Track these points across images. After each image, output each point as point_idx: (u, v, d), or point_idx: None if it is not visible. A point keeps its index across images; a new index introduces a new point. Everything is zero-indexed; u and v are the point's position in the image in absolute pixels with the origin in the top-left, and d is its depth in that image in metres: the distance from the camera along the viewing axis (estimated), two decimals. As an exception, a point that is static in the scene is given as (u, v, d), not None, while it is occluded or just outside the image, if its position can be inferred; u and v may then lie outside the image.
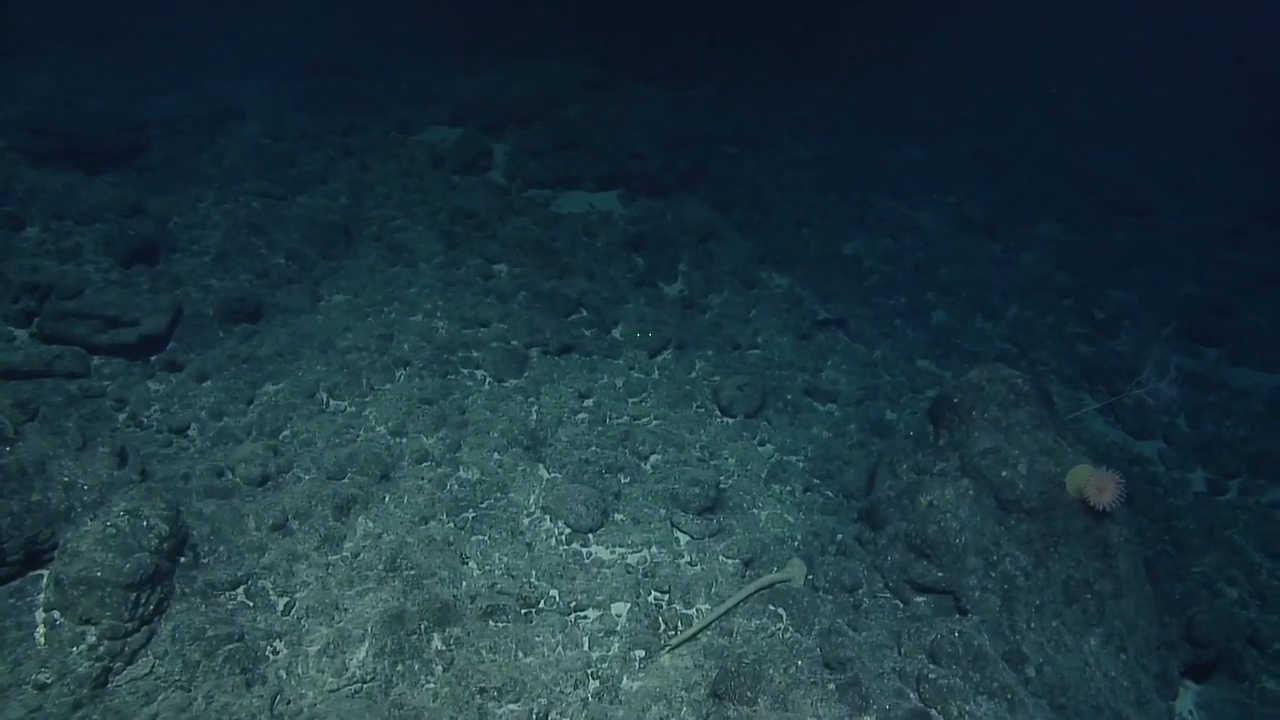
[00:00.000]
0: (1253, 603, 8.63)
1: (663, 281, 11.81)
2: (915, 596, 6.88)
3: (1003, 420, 7.03)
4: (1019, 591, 6.60)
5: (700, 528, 7.49)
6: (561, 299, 10.20)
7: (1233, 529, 9.67)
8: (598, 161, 13.48)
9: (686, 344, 10.65)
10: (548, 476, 7.72)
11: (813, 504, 8.59)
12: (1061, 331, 13.65)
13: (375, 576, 5.97)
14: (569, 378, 9.39)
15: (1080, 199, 19.15)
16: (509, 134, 13.32)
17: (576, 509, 7.10)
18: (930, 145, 21.16)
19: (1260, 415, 11.58)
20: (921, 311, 13.40)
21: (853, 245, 15.32)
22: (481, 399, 8.57)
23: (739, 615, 6.64)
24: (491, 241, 11.08)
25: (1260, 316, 14.45)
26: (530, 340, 9.49)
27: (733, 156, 17.72)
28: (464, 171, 12.61)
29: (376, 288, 9.59)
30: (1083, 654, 6.55)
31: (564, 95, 14.14)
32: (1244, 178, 21.15)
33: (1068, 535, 6.75)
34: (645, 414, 9.27)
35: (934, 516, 6.75)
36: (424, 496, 6.97)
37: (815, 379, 10.77)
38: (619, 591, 6.58)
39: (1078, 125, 24.65)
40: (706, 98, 19.11)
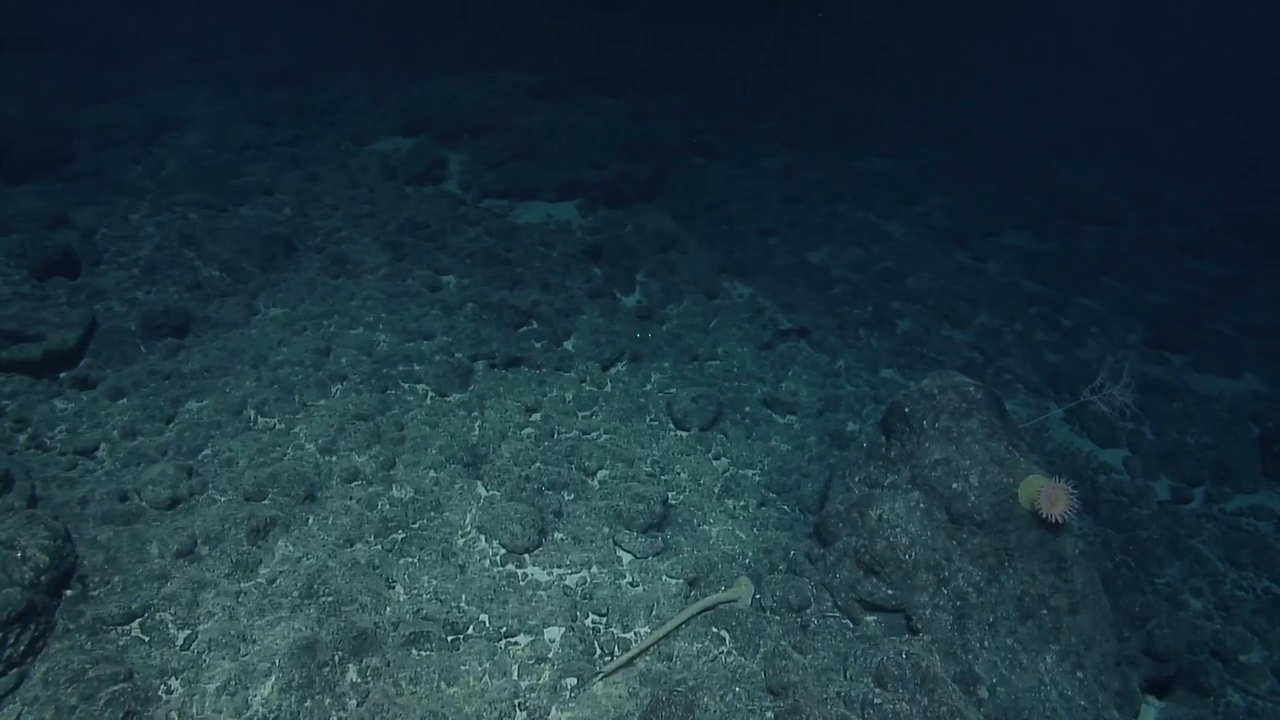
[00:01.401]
0: (1217, 614, 8.44)
1: (620, 292, 11.56)
2: (865, 616, 6.60)
3: (954, 430, 6.79)
4: (972, 609, 6.34)
5: (644, 546, 7.19)
6: (511, 310, 9.91)
7: (1197, 538, 9.50)
8: (555, 171, 13.25)
9: (642, 355, 10.38)
10: (486, 494, 7.39)
11: (768, 519, 8.31)
12: (1028, 340, 13.53)
13: (289, 604, 5.62)
14: (516, 391, 9.09)
15: (1047, 209, 19.19)
16: (464, 144, 13.07)
17: (511, 528, 6.78)
18: (898, 156, 21.16)
19: (1224, 422, 11.48)
20: (887, 321, 13.22)
21: (819, 255, 15.16)
22: (422, 414, 8.24)
23: (680, 638, 6.34)
24: (442, 253, 10.79)
25: (1224, 324, 14.44)
26: (476, 353, 9.19)
27: (697, 167, 17.59)
28: (417, 182, 12.34)
29: (317, 300, 9.26)
30: (1038, 673, 6.29)
31: (519, 104, 13.94)
32: (1207, 189, 21.32)
33: (1021, 549, 6.51)
34: (595, 428, 8.98)
35: (883, 531, 6.48)
36: (351, 517, 6.62)
37: (775, 390, 10.53)
38: (554, 615, 6.25)
39: (1046, 137, 24.80)
40: (670, 108, 18.98)
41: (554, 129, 13.99)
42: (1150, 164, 22.91)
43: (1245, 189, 21.31)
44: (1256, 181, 22.20)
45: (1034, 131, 25.21)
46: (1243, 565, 9.00)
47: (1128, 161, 22.86)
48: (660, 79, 20.83)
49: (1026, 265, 16.01)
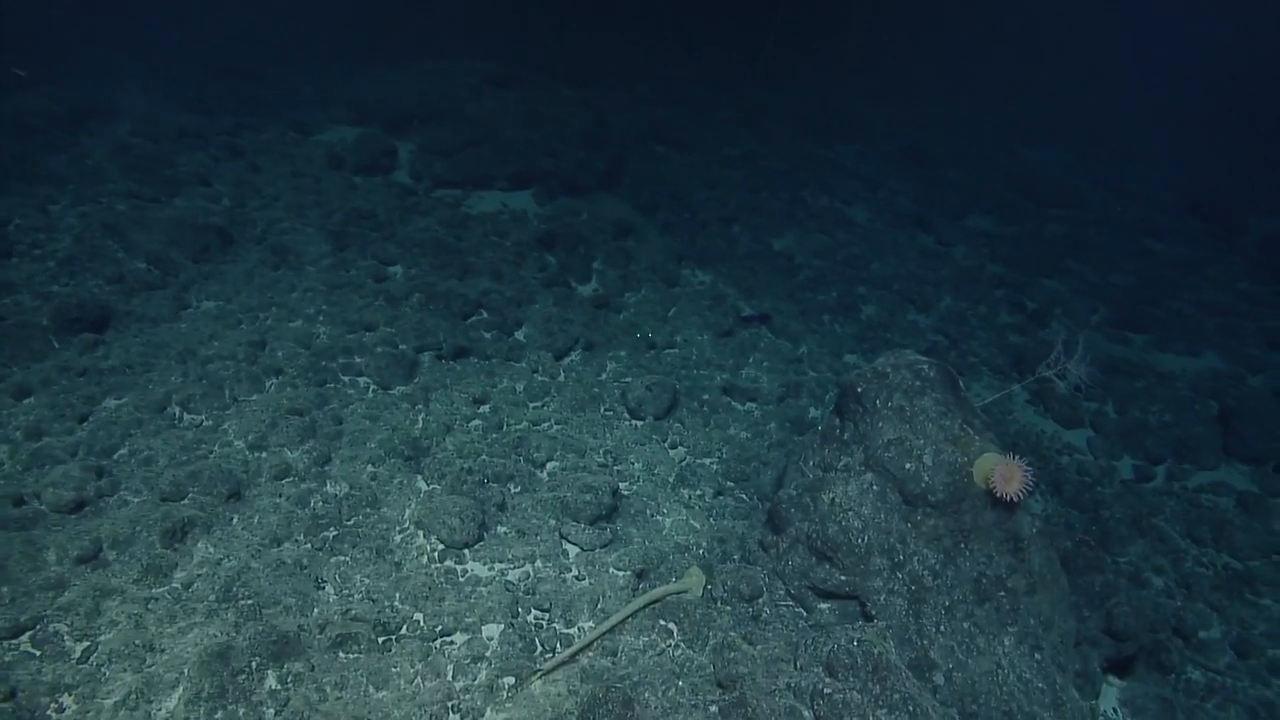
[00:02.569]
0: (1178, 591, 8.36)
1: (576, 280, 11.27)
2: (819, 603, 6.39)
3: (907, 409, 6.59)
4: (927, 593, 6.14)
5: (592, 538, 6.91)
6: (459, 300, 9.58)
7: (1159, 516, 9.43)
8: (510, 160, 12.92)
9: (597, 344, 10.10)
10: (426, 488, 7.08)
11: (724, 508, 8.08)
12: (993, 322, 13.45)
13: (204, 609, 5.27)
14: (464, 383, 8.77)
15: (1012, 193, 19.19)
16: (413, 133, 12.69)
17: (450, 523, 6.47)
18: (864, 144, 21.06)
19: (1185, 400, 11.44)
20: (852, 306, 13.07)
21: (783, 241, 14.97)
22: (362, 408, 7.90)
23: (627, 632, 6.07)
24: (389, 243, 10.42)
25: (1184, 304, 14.47)
26: (422, 344, 8.85)
27: (660, 156, 17.33)
28: (365, 172, 11.94)
29: (254, 293, 8.86)
30: (995, 656, 6.11)
31: (471, 93, 13.56)
32: (1168, 174, 21.46)
33: (977, 529, 6.33)
34: (546, 419, 8.69)
35: (836, 515, 6.26)
36: (279, 516, 6.28)
37: (735, 377, 10.30)
38: (493, 612, 5.96)
39: (1012, 124, 24.86)
40: (632, 98, 18.71)
41: (509, 117, 13.64)
42: (1114, 149, 23.03)
43: (1206, 172, 21.50)
44: (1219, 165, 22.42)
45: (1001, 118, 25.26)
46: (1203, 542, 8.93)
47: (1092, 147, 22.96)
48: (623, 68, 20.54)
49: (991, 249, 15.96)
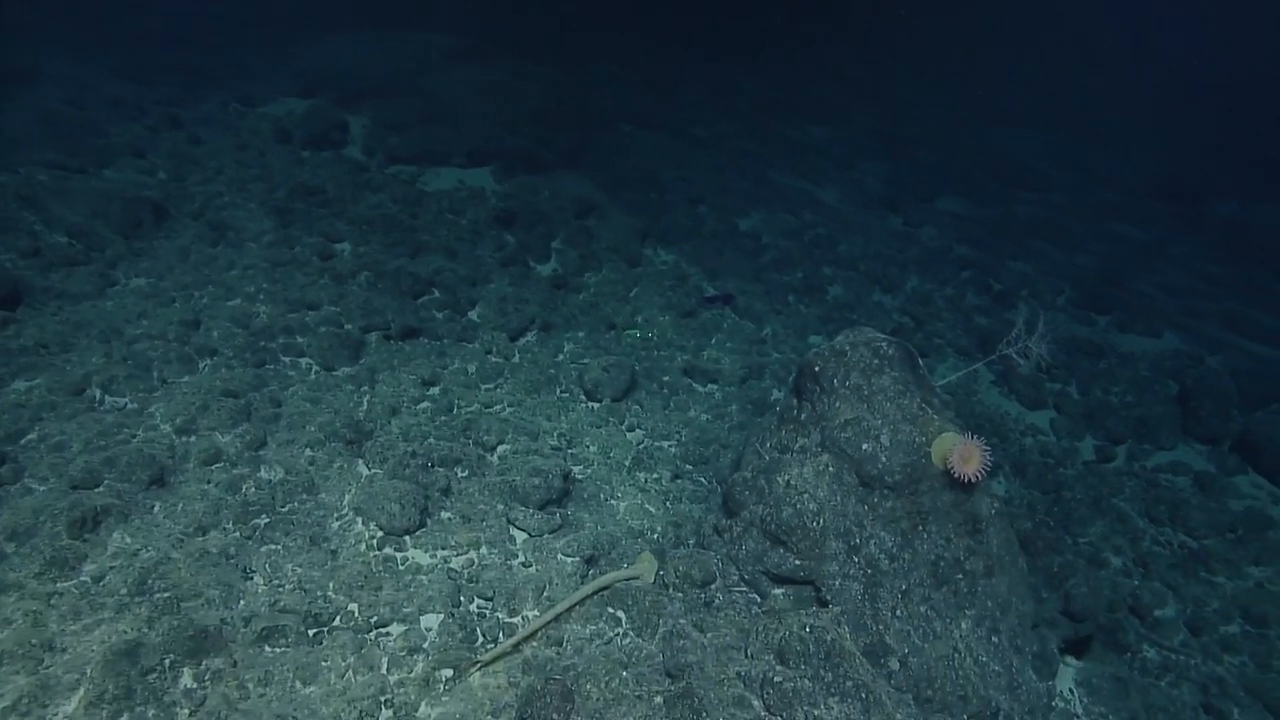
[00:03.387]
0: (1136, 571, 8.33)
1: (534, 260, 10.93)
2: (773, 589, 6.20)
3: (865, 388, 6.39)
4: (883, 576, 5.98)
5: (540, 523, 6.65)
6: (410, 279, 9.22)
7: (1119, 496, 9.41)
8: (467, 136, 12.49)
9: (554, 325, 9.80)
10: (367, 473, 6.75)
11: (682, 492, 7.87)
12: (959, 303, 13.37)
13: (115, 604, 4.93)
14: (413, 364, 8.43)
15: (982, 175, 19.15)
16: (367, 106, 12.20)
17: (389, 508, 6.16)
18: (834, 125, 20.86)
19: (1146, 380, 11.45)
20: (818, 287, 12.89)
21: (750, 221, 14.74)
22: (303, 390, 7.53)
23: (573, 620, 5.84)
24: (338, 220, 9.99)
25: (1146, 285, 14.52)
26: (369, 324, 8.48)
27: (626, 135, 16.98)
28: (315, 146, 11.45)
29: (189, 270, 8.41)
30: (952, 640, 5.97)
31: (428, 66, 13.10)
32: (1131, 157, 21.57)
33: (935, 511, 6.17)
34: (499, 401, 8.39)
35: (790, 498, 6.06)
36: (207, 503, 5.93)
37: (696, 359, 10.07)
38: (433, 601, 5.68)
39: (983, 108, 24.82)
40: (600, 75, 18.29)
41: (468, 92, 13.19)
42: (1081, 132, 23.10)
43: (1169, 156, 21.65)
44: (1182, 149, 22.60)
45: (970, 101, 25.21)
46: (1161, 521, 8.92)
47: (1060, 130, 23.00)
48: (590, 46, 20.08)
49: (959, 230, 15.87)
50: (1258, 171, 20.53)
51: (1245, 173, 20.95)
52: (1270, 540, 8.37)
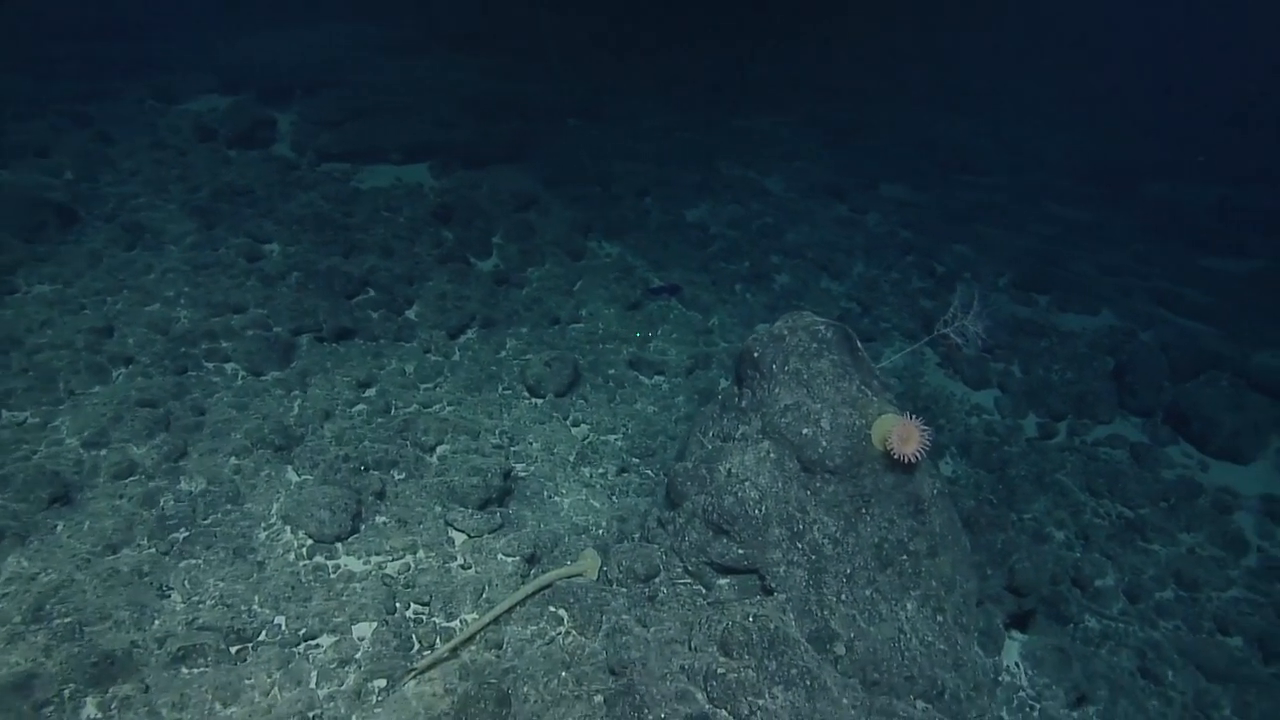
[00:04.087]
0: (1077, 543, 8.48)
1: (474, 256, 10.68)
2: (718, 579, 6.10)
3: (804, 372, 6.34)
4: (828, 561, 5.93)
5: (480, 524, 6.46)
6: (343, 278, 8.91)
7: (1061, 471, 9.57)
8: (404, 131, 12.16)
9: (495, 321, 9.58)
10: (297, 479, 6.48)
11: (628, 486, 7.75)
12: (904, 287, 13.50)
13: (5, 634, 4.60)
14: (347, 366, 8.15)
15: (924, 161, 19.40)
16: (294, 102, 11.77)
17: (319, 515, 5.91)
18: (779, 114, 20.92)
19: (1085, 357, 11.70)
20: (765, 275, 12.88)
21: (697, 212, 14.68)
22: (229, 396, 7.20)
23: (514, 622, 5.67)
24: (266, 219, 9.61)
25: (1084, 265, 14.86)
26: (299, 326, 8.17)
27: (571, 128, 16.77)
28: (241, 145, 11.01)
29: (101, 275, 7.98)
30: (898, 622, 5.96)
31: (358, 59, 12.70)
32: (1067, 140, 22.11)
33: (878, 494, 6.14)
34: (438, 400, 8.16)
35: (732, 486, 5.98)
36: (118, 519, 5.60)
37: (642, 350, 9.95)
38: (366, 609, 5.46)
39: (918, 94, 25.17)
40: (543, 68, 18.02)
41: (404, 86, 12.84)
42: (1019, 117, 23.59)
43: (1102, 138, 22.25)
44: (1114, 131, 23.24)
45: (912, 88, 25.54)
46: (1100, 493, 9.10)
47: (1000, 115, 23.45)
48: (533, 39, 19.79)
49: (903, 215, 16.04)
50: (1230, 131, 21.16)
51: (1173, 153, 21.66)
52: (1200, 507, 8.61)
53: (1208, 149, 22.45)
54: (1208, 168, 20.85)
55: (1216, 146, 22.85)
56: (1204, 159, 18.24)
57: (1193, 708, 6.47)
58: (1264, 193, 19.69)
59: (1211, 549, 8.17)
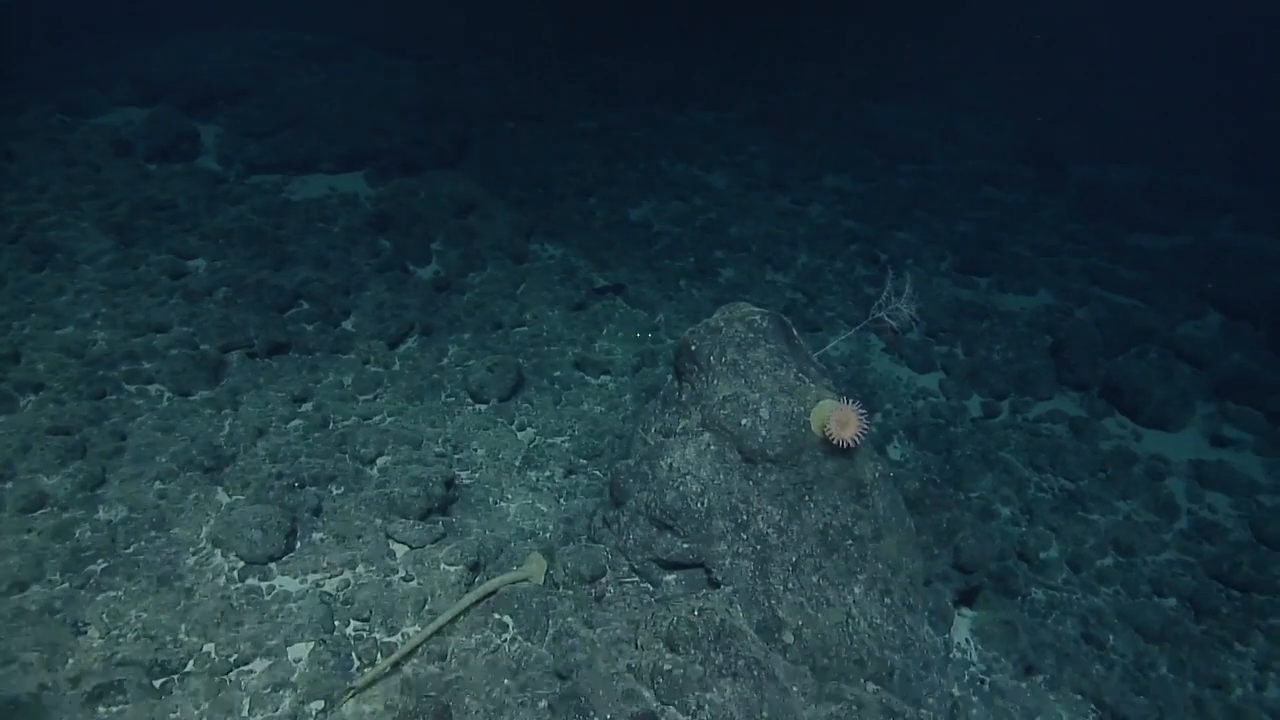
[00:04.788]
0: (1023, 518, 8.65)
1: (413, 263, 10.48)
2: (665, 576, 6.07)
3: (741, 362, 6.33)
4: (773, 550, 5.93)
5: (422, 534, 6.32)
6: (274, 291, 8.65)
7: (1005, 449, 9.76)
8: (336, 140, 11.88)
9: (436, 328, 9.40)
10: (228, 500, 6.25)
11: (575, 488, 7.67)
12: (848, 276, 13.65)
13: (-94, 681, 4.33)
14: (281, 381, 7.90)
15: (864, 151, 19.68)
16: (218, 113, 11.40)
17: (250, 535, 5.70)
18: (720, 110, 21.03)
19: (1024, 336, 11.97)
20: (710, 270, 12.90)
21: (640, 211, 14.65)
22: (153, 419, 6.92)
23: (457, 632, 5.54)
24: (190, 235, 9.28)
25: (1021, 246, 15.22)
26: (228, 342, 7.89)
27: (510, 131, 16.61)
28: (162, 159, 10.61)
29: (4, 298, 7.60)
30: (846, 606, 5.97)
31: (285, 67, 12.37)
32: (1003, 126, 22.66)
33: (820, 480, 6.16)
34: (378, 411, 7.97)
35: (674, 481, 5.95)
36: (25, 556, 5.32)
37: (587, 351, 9.87)
38: (302, 629, 5.28)
39: (860, 84, 25.53)
40: (481, 71, 17.81)
41: (334, 93, 12.55)
42: (955, 104, 24.09)
43: (1034, 123, 22.85)
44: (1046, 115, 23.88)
45: (849, 79, 25.88)
46: (1043, 468, 9.30)
47: (934, 103, 23.91)
48: (469, 40, 19.56)
49: (845, 205, 16.24)
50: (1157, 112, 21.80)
51: (1099, 136, 22.36)
52: (1135, 475, 8.86)
53: (1135, 130, 23.27)
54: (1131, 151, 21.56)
55: (1139, 126, 23.69)
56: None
57: (1133, 669, 6.63)
58: (1187, 173, 20.47)
59: (1146, 515, 8.41)
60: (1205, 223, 17.16)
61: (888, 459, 9.43)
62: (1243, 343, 11.67)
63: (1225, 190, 19.26)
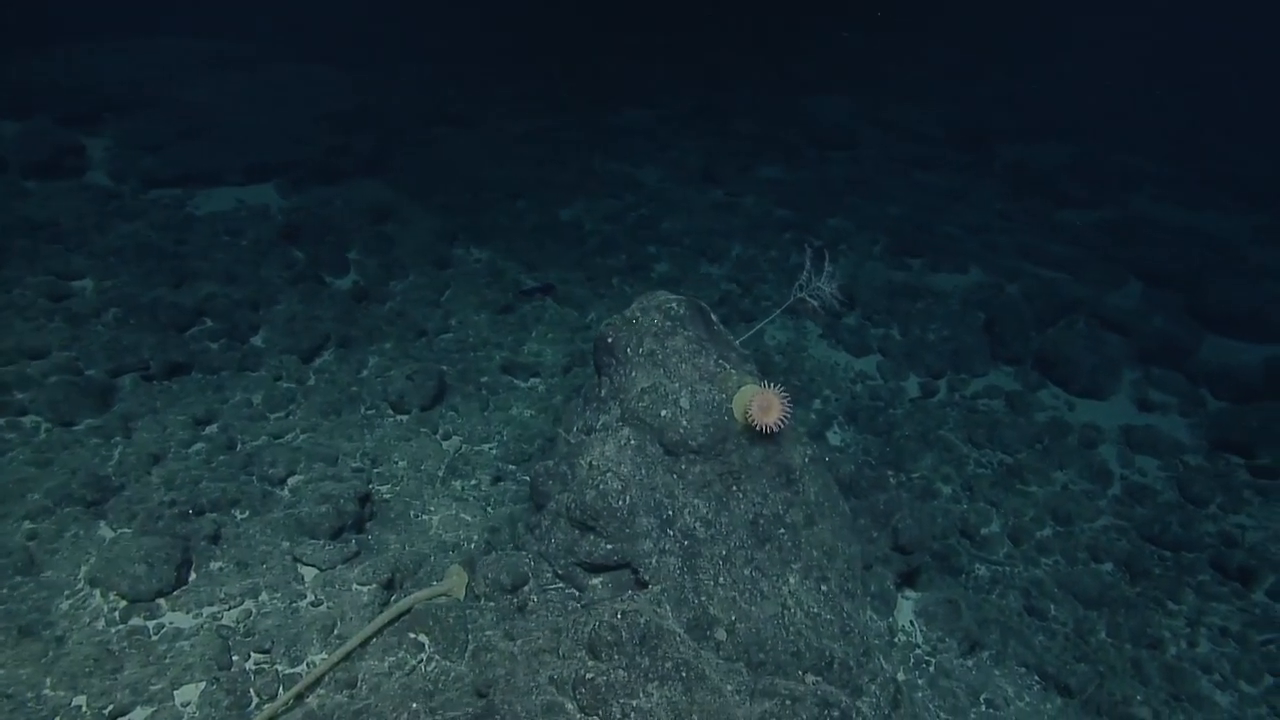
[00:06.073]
0: (963, 495, 8.60)
1: (329, 274, 10.02)
2: (590, 579, 5.78)
3: (659, 352, 6.09)
4: (701, 545, 5.69)
5: (333, 555, 5.92)
6: (172, 310, 8.12)
7: (944, 427, 9.73)
8: (245, 151, 11.33)
9: (354, 340, 8.97)
10: (112, 535, 5.75)
11: (504, 495, 7.34)
12: (783, 265, 13.56)
13: None
14: (182, 403, 7.39)
15: (797, 141, 19.74)
16: (107, 126, 10.74)
17: (133, 571, 5.24)
18: (654, 107, 20.89)
19: (958, 314, 12.02)
20: (642, 266, 12.69)
21: (572, 211, 14.37)
22: (26, 453, 6.36)
23: (368, 656, 5.17)
24: (76, 254, 8.68)
25: (953, 227, 15.38)
26: (118, 366, 7.36)
27: (439, 137, 16.18)
28: (42, 175, 9.93)
29: None
30: (781, 598, 5.77)
31: (185, 75, 11.76)
32: (932, 110, 23.01)
33: (747, 469, 5.95)
34: (291, 429, 7.52)
35: (593, 480, 5.66)
36: None
37: (516, 354, 9.54)
38: (193, 669, 4.84)
39: (792, 79, 25.70)
40: (407, 76, 17.35)
41: (240, 101, 11.99)
42: (884, 91, 24.38)
43: (962, 106, 23.28)
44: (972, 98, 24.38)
45: (784, 73, 26.04)
46: (981, 444, 9.29)
47: (866, 91, 24.16)
48: (395, 46, 19.06)
49: (779, 195, 16.20)
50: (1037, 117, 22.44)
51: (1026, 117, 22.90)
52: (1069, 444, 8.89)
53: (1060, 111, 23.90)
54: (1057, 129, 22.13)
55: (1064, 107, 24.36)
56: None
57: (1074, 637, 6.58)
58: (1108, 149, 21.07)
59: (1082, 483, 8.43)
60: (1126, 196, 17.63)
61: (827, 445, 9.32)
62: (1163, 309, 11.92)
63: (1143, 166, 19.87)
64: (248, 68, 12.87)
